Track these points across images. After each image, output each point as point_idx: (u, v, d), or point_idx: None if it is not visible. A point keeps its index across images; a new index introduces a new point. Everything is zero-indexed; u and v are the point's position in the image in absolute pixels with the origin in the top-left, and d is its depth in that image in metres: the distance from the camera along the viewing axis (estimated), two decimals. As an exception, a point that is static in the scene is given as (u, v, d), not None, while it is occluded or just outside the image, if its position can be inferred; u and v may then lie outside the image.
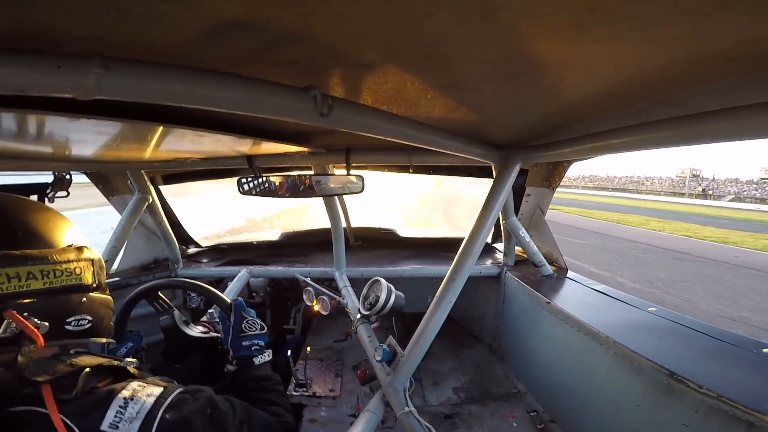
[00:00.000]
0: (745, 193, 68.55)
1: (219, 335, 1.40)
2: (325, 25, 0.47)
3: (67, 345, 0.76)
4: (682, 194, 67.61)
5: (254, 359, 1.20)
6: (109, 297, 0.85)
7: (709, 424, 0.96)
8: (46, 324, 0.69)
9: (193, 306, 2.38)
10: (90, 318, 0.78)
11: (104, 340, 0.83)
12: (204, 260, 2.66)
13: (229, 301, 1.29)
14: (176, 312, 1.41)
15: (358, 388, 1.93)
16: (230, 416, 0.83)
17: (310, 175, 1.69)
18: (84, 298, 0.77)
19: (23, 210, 0.75)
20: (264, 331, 1.25)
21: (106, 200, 2.24)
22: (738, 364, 1.11)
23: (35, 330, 0.66)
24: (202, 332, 1.42)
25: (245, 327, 1.23)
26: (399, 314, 1.66)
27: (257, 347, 1.22)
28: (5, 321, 0.65)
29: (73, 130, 0.97)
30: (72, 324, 0.75)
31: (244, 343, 1.21)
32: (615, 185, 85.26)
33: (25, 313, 0.67)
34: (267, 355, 1.23)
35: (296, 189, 1.69)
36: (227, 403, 0.86)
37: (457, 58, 0.57)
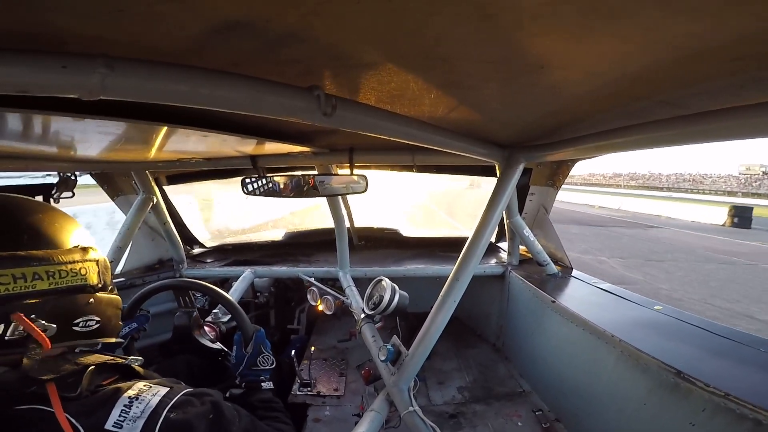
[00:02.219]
0: None
1: (224, 349, 1.43)
2: (326, 25, 0.47)
3: (75, 345, 0.76)
4: (760, 195, 52.23)
5: (262, 384, 1.24)
6: (117, 297, 0.85)
7: (715, 423, 0.96)
8: (54, 326, 0.69)
9: (198, 306, 2.38)
10: (98, 318, 0.78)
11: (113, 339, 0.83)
12: (208, 260, 2.67)
13: (252, 330, 1.31)
14: (195, 314, 1.42)
15: (363, 387, 1.92)
16: (234, 424, 0.83)
17: (314, 175, 1.69)
18: (91, 299, 0.76)
19: (29, 210, 0.75)
20: (273, 366, 1.29)
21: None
22: (745, 362, 1.10)
23: (42, 334, 0.66)
24: (209, 340, 1.44)
25: (260, 362, 1.26)
26: (403, 314, 1.66)
27: (263, 378, 1.26)
28: (12, 323, 0.65)
29: (78, 131, 0.98)
30: (80, 325, 0.75)
31: (252, 375, 1.25)
32: (664, 184, 71.58)
33: (33, 316, 0.66)
34: (271, 384, 1.27)
35: (300, 189, 1.69)
36: (233, 411, 0.86)
37: (458, 57, 0.57)
